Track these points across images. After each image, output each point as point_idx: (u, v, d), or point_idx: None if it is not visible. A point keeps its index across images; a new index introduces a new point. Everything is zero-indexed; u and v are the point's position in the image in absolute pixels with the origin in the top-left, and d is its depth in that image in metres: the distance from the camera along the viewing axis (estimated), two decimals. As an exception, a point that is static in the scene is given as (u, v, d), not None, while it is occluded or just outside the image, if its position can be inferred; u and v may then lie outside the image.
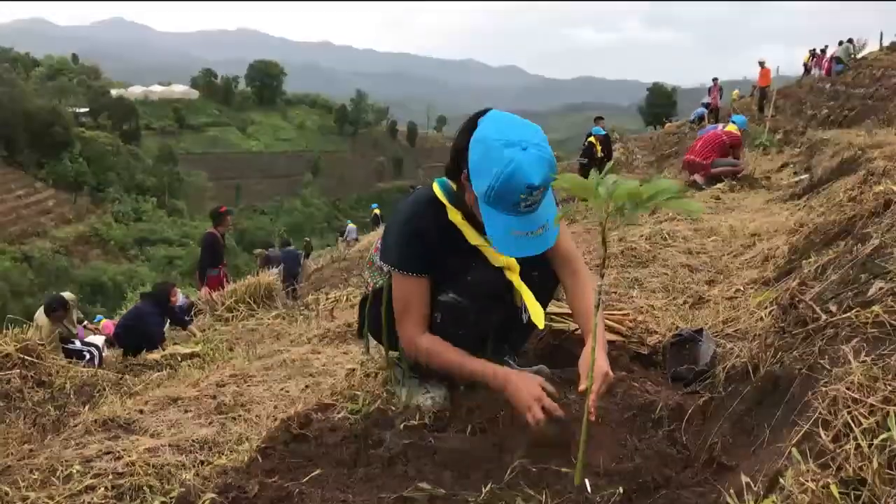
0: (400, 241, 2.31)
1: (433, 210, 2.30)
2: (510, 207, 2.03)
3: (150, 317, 8.39)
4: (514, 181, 1.99)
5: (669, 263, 4.39)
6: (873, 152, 6.50)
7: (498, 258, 2.30)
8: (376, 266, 2.55)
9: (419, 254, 2.28)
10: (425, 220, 2.29)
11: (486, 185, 2.04)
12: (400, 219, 2.35)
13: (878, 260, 2.25)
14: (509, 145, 2.02)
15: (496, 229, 2.07)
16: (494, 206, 2.06)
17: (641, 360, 2.67)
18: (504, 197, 2.02)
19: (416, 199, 2.38)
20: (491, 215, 2.07)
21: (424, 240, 2.27)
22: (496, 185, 2.01)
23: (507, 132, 2.06)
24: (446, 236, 2.29)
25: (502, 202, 2.04)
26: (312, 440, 2.22)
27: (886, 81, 19.12)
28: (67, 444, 3.53)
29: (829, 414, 1.58)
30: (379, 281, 2.53)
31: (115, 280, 53.93)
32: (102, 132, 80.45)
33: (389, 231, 2.38)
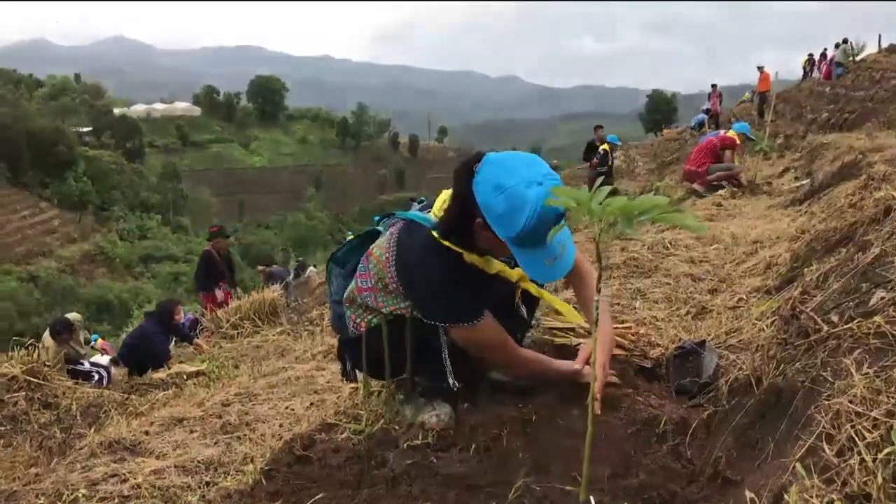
0: (446, 297, 2.30)
1: (453, 257, 2.30)
2: (541, 240, 2.07)
3: (154, 335, 8.39)
4: (545, 217, 2.03)
5: (672, 273, 4.39)
6: (874, 156, 6.49)
7: (513, 275, 2.37)
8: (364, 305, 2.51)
9: (468, 298, 2.30)
10: (454, 268, 2.29)
11: (516, 229, 2.07)
12: (429, 276, 2.31)
13: (879, 269, 2.25)
14: (529, 185, 2.06)
15: (533, 266, 2.15)
16: (526, 244, 2.10)
17: (645, 373, 2.66)
18: (537, 234, 2.05)
19: (431, 252, 2.31)
20: (525, 253, 2.12)
21: (462, 285, 2.29)
22: (529, 227, 2.05)
23: (519, 172, 2.10)
24: (469, 276, 2.31)
25: (534, 239, 2.07)
26: (316, 462, 2.21)
27: (886, 83, 19.14)
28: (73, 468, 3.53)
29: (833, 428, 1.57)
30: (373, 320, 2.50)
31: (122, 298, 54.00)
32: (106, 151, 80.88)
33: (423, 293, 2.34)
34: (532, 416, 2.29)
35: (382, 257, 2.39)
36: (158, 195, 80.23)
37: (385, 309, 2.43)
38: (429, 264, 2.31)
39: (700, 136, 22.47)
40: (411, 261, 2.34)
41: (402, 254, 2.35)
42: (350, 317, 2.57)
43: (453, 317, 2.31)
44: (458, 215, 2.22)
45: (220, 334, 8.82)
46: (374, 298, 2.44)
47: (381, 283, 2.41)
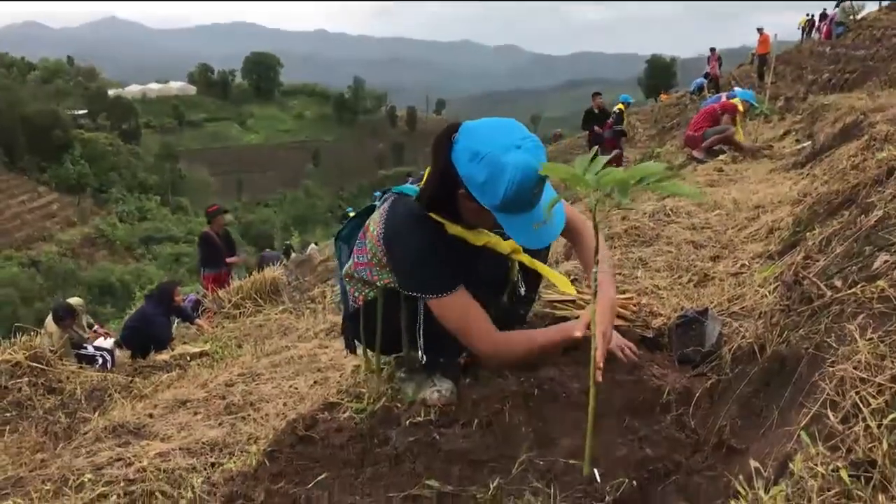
0: (422, 266, 2.27)
1: (434, 227, 2.28)
2: (526, 205, 2.05)
3: (154, 317, 8.39)
4: (525, 181, 2.00)
5: (674, 241, 4.35)
6: (875, 116, 6.43)
7: (504, 247, 2.33)
8: (361, 279, 2.49)
9: (444, 270, 2.26)
10: (435, 238, 2.27)
11: (499, 196, 2.04)
12: (410, 244, 2.29)
13: (882, 231, 2.22)
14: (506, 150, 2.03)
15: (519, 231, 2.10)
16: (512, 211, 2.06)
17: (647, 343, 2.65)
18: (520, 198, 2.03)
19: (415, 221, 2.30)
20: (511, 220, 2.08)
21: (440, 255, 2.26)
22: (511, 193, 2.02)
23: (495, 138, 2.06)
24: (453, 246, 2.28)
25: (519, 204, 2.05)
26: (319, 441, 2.20)
27: (887, 42, 18.97)
28: (79, 453, 3.54)
29: (837, 395, 1.56)
30: (370, 294, 2.48)
31: (123, 280, 54.12)
32: (102, 133, 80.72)
33: (403, 261, 2.32)
34: (534, 389, 2.28)
35: (375, 232, 2.37)
36: (156, 176, 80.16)
37: (380, 282, 2.42)
38: (407, 233, 2.30)
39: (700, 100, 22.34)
40: (393, 230, 2.33)
41: (388, 225, 2.33)
42: (350, 291, 2.57)
43: (421, 287, 2.28)
44: (440, 186, 2.21)
45: (222, 314, 8.82)
46: (370, 273, 2.43)
47: (376, 258, 2.39)
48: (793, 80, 23.61)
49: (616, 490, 1.79)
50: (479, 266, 2.33)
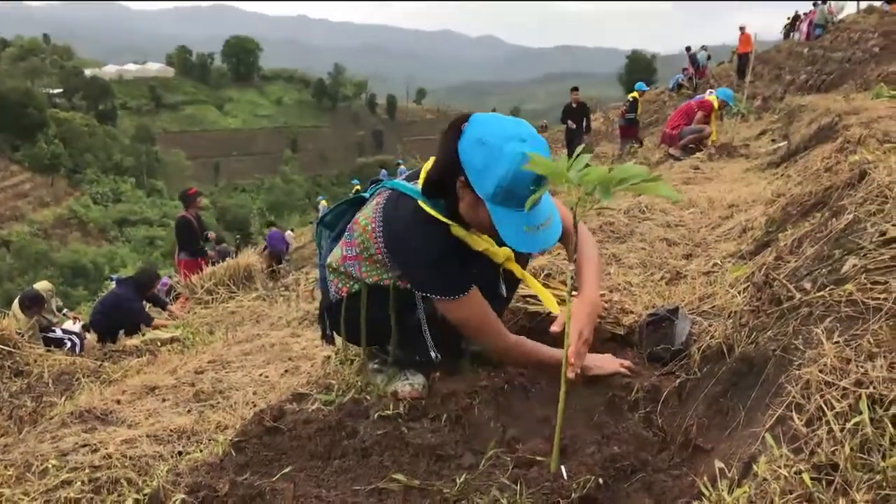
0: (435, 271, 2.25)
1: (439, 228, 2.25)
2: (519, 201, 2.01)
3: (129, 302, 8.29)
4: (522, 174, 1.98)
5: (647, 238, 4.37)
6: (850, 118, 6.49)
7: (499, 256, 2.32)
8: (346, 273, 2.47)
9: (456, 273, 2.25)
10: (440, 242, 2.25)
11: (493, 184, 2.02)
12: (419, 248, 2.25)
13: (851, 235, 2.24)
14: (509, 140, 2.02)
15: (508, 228, 2.06)
16: (504, 204, 2.04)
17: (617, 340, 2.66)
18: (514, 192, 2.01)
19: (420, 223, 2.27)
20: (501, 215, 2.05)
21: (451, 258, 2.25)
22: (505, 183, 2.00)
23: (502, 129, 2.06)
24: (454, 250, 2.27)
25: (512, 199, 2.02)
26: (286, 433, 2.18)
27: (864, 45, 19.13)
28: (43, 438, 3.49)
29: (802, 398, 1.57)
30: (354, 286, 2.45)
31: (96, 262, 53.57)
32: (77, 113, 79.60)
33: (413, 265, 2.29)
34: (504, 385, 2.28)
35: (369, 227, 2.34)
36: (132, 158, 79.22)
37: (368, 279, 2.39)
38: (416, 236, 2.27)
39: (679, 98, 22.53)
40: (398, 233, 2.29)
41: (390, 226, 2.30)
42: (332, 281, 2.54)
43: (441, 290, 2.26)
44: (442, 170, 2.20)
45: (194, 300, 8.74)
46: (359, 268, 2.40)
47: (367, 252, 2.36)
48: (770, 80, 23.80)
49: (582, 487, 1.79)
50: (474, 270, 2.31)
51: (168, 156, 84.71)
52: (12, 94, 68.13)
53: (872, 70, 14.87)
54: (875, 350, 1.58)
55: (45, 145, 71.02)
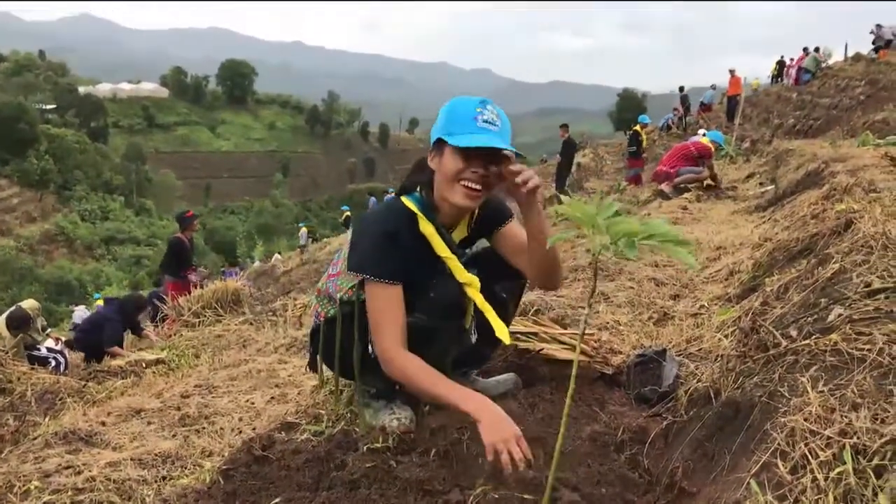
0: (373, 248, 2.23)
1: (405, 219, 2.27)
2: (470, 123, 2.14)
3: (109, 323, 8.28)
4: (465, 101, 2.18)
5: (636, 277, 4.42)
6: (837, 166, 6.59)
7: (462, 274, 2.27)
8: (327, 294, 2.49)
9: (393, 259, 2.21)
10: (397, 225, 2.25)
11: (442, 120, 2.20)
12: (371, 226, 2.28)
13: (837, 285, 2.28)
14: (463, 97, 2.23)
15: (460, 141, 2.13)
16: (455, 132, 2.15)
17: (605, 380, 2.68)
18: (460, 117, 2.16)
19: (387, 207, 2.36)
20: (455, 138, 2.14)
21: (397, 245, 2.22)
22: (451, 111, 2.18)
23: None
24: (416, 245, 2.26)
25: (461, 122, 2.15)
26: (275, 462, 2.19)
27: (850, 92, 19.47)
28: (26, 458, 3.46)
29: (787, 445, 1.60)
30: (331, 311, 2.46)
31: (81, 279, 53.16)
32: (69, 129, 79.38)
33: (359, 240, 2.30)
34: (493, 421, 2.29)
35: None
36: (122, 176, 79.03)
37: (341, 292, 2.40)
38: (374, 217, 2.35)
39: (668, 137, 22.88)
40: (363, 217, 2.40)
41: (361, 216, 2.40)
42: (314, 306, 2.58)
43: (366, 266, 2.23)
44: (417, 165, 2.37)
45: (181, 322, 8.70)
46: (336, 283, 2.43)
47: (345, 263, 2.38)
48: (759, 123, 24.12)
49: (569, 527, 1.81)
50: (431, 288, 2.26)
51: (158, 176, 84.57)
52: (5, 109, 67.96)
53: (859, 118, 15.12)
54: (859, 401, 1.61)
55: (35, 161, 70.76)
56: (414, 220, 2.27)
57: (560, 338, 2.76)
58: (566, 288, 4.31)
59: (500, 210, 2.43)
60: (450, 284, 2.28)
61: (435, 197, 2.27)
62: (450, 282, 2.28)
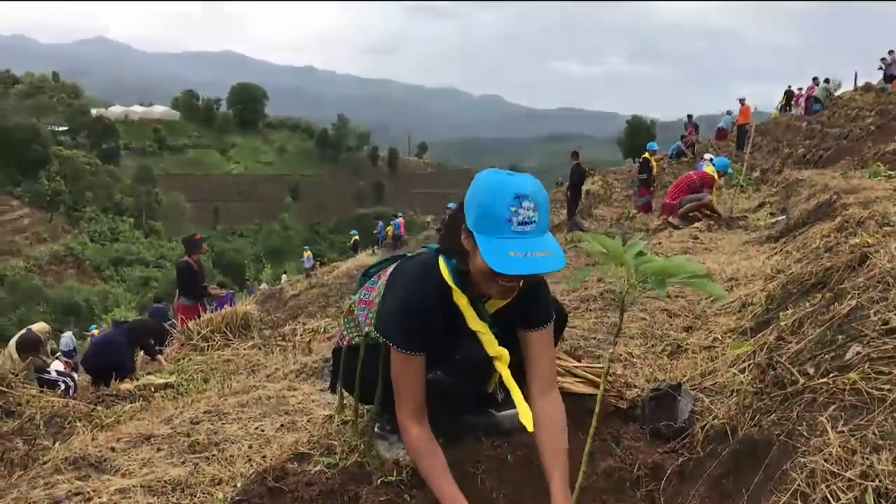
0: (401, 318, 2.19)
1: (439, 290, 2.21)
2: (504, 226, 1.94)
3: (120, 346, 8.28)
4: (499, 192, 1.95)
5: (648, 308, 4.41)
6: (849, 197, 6.58)
7: (493, 347, 2.21)
8: (355, 319, 2.50)
9: (418, 332, 2.18)
10: (430, 299, 2.19)
11: (475, 210, 1.99)
12: (403, 293, 2.24)
13: (854, 322, 2.27)
14: (497, 172, 2.04)
15: (491, 251, 1.94)
16: (487, 230, 1.96)
17: (620, 414, 2.67)
18: (493, 213, 1.95)
19: (421, 274, 2.26)
20: (487, 244, 1.96)
21: (426, 320, 2.18)
22: (483, 202, 1.97)
23: (497, 170, 2.07)
24: (448, 318, 2.21)
25: (493, 221, 1.95)
26: (288, 494, 2.18)
27: (860, 122, 19.49)
28: (36, 484, 3.46)
29: (808, 487, 1.58)
30: (356, 337, 2.47)
31: (89, 301, 53.29)
32: (81, 151, 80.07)
33: (391, 301, 2.27)
34: (508, 455, 2.29)
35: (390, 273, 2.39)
36: (132, 198, 79.48)
37: (368, 328, 2.40)
38: (410, 279, 2.26)
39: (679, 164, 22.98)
40: (401, 271, 2.32)
41: (398, 268, 2.34)
42: (341, 326, 2.58)
43: (392, 333, 2.20)
44: (450, 227, 2.18)
45: (189, 346, 8.70)
46: (366, 314, 2.42)
47: (380, 296, 2.36)
48: (769, 152, 24.14)
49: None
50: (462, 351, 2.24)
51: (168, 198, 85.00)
52: (18, 131, 68.63)
53: (869, 148, 15.10)
54: (880, 442, 1.60)
55: (46, 181, 71.32)
56: (448, 290, 2.21)
57: (574, 371, 2.75)
58: (577, 318, 4.30)
59: (538, 313, 2.29)
60: (479, 351, 2.23)
61: (471, 272, 2.15)
62: (479, 349, 2.23)
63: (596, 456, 2.32)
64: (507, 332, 2.25)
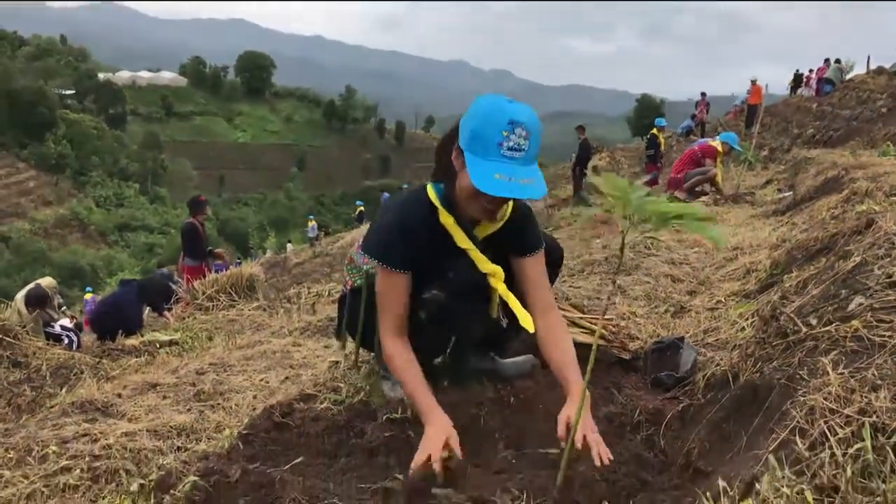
0: (386, 236, 2.26)
1: (424, 210, 2.27)
2: (494, 149, 2.01)
3: (128, 304, 8.33)
4: (495, 116, 2.02)
5: (652, 273, 4.44)
6: (857, 172, 6.57)
7: (484, 264, 2.27)
8: (356, 264, 2.54)
9: (402, 250, 2.23)
10: (414, 218, 2.26)
11: (469, 129, 2.06)
12: (389, 215, 2.31)
13: (859, 276, 2.29)
14: (496, 97, 2.10)
15: (478, 171, 2.02)
16: (477, 151, 2.04)
17: (622, 365, 2.70)
18: (486, 135, 2.01)
19: (409, 197, 2.35)
20: (474, 161, 2.04)
21: (411, 237, 2.24)
22: (478, 123, 2.03)
23: (498, 95, 2.13)
24: (435, 238, 2.26)
25: (485, 143, 2.02)
26: (294, 429, 2.22)
27: (871, 104, 19.39)
28: (44, 425, 3.50)
29: (806, 423, 1.61)
30: (357, 280, 2.52)
31: (94, 265, 53.47)
32: (88, 115, 79.88)
33: (377, 226, 2.35)
34: (511, 398, 2.32)
35: None
36: (138, 164, 79.42)
37: (367, 265, 2.46)
38: (395, 207, 2.35)
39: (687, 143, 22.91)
40: (391, 200, 2.45)
41: (389, 198, 2.43)
42: (344, 274, 2.62)
43: (377, 252, 2.26)
44: (444, 143, 2.27)
45: (195, 305, 8.76)
46: (364, 255, 2.46)
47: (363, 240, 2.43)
48: (778, 133, 24.02)
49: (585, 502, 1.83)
50: (450, 270, 2.27)
51: (174, 164, 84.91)
52: (25, 93, 68.51)
53: (879, 129, 15.05)
54: (879, 382, 1.63)
55: (52, 145, 71.27)
56: (434, 211, 2.27)
57: (579, 322, 2.78)
58: (583, 280, 4.33)
59: (527, 240, 2.36)
60: (472, 270, 2.29)
61: (456, 195, 2.23)
62: (472, 268, 2.28)
63: (597, 402, 2.35)
64: (499, 261, 2.31)
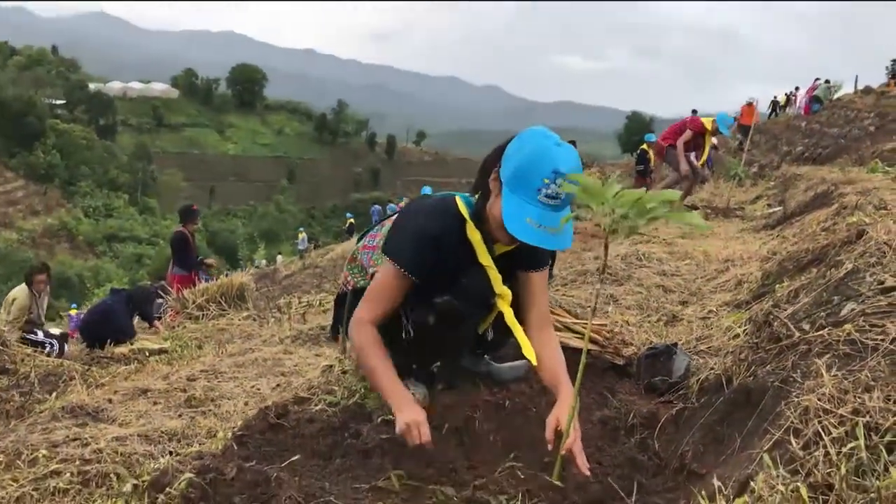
0: (412, 241, 2.25)
1: (454, 221, 2.28)
2: (532, 194, 2.04)
3: (117, 314, 8.29)
4: (541, 161, 2.04)
5: (644, 283, 4.46)
6: (846, 188, 6.63)
7: (499, 285, 2.28)
8: (361, 265, 2.54)
9: (425, 258, 2.23)
10: (444, 229, 2.26)
11: (513, 166, 2.08)
12: (419, 219, 2.30)
13: (850, 282, 2.32)
14: (546, 137, 2.10)
15: (512, 213, 2.05)
16: (516, 190, 2.06)
17: (616, 370, 2.71)
18: (528, 178, 2.04)
19: (438, 205, 2.34)
20: (510, 199, 2.07)
21: (436, 247, 2.24)
22: (523, 164, 2.05)
23: (548, 134, 2.13)
24: (459, 249, 2.27)
25: (525, 185, 2.04)
26: (289, 430, 2.22)
27: (859, 123, 19.56)
28: (34, 429, 3.48)
29: (801, 423, 1.63)
30: (360, 281, 2.52)
31: (81, 275, 53.13)
32: (78, 125, 79.56)
33: (403, 228, 2.33)
34: (505, 402, 2.32)
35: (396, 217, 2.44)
36: (128, 174, 79.10)
37: (372, 268, 2.44)
38: (427, 212, 2.33)
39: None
40: (413, 205, 2.41)
41: (414, 203, 2.43)
42: (345, 273, 2.62)
43: (398, 253, 2.25)
44: (486, 164, 2.27)
45: (184, 314, 8.73)
46: (370, 257, 2.47)
47: (383, 240, 2.41)
48: (767, 150, 24.21)
49: (579, 503, 1.83)
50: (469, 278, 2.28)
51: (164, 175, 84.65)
52: (14, 103, 68.24)
53: (867, 147, 15.16)
54: (872, 383, 1.65)
55: (41, 154, 70.95)
56: (462, 223, 2.28)
57: (573, 327, 2.80)
58: (575, 289, 4.35)
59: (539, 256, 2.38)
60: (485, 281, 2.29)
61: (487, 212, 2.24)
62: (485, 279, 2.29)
63: (591, 407, 2.36)
64: (506, 277, 2.32)
